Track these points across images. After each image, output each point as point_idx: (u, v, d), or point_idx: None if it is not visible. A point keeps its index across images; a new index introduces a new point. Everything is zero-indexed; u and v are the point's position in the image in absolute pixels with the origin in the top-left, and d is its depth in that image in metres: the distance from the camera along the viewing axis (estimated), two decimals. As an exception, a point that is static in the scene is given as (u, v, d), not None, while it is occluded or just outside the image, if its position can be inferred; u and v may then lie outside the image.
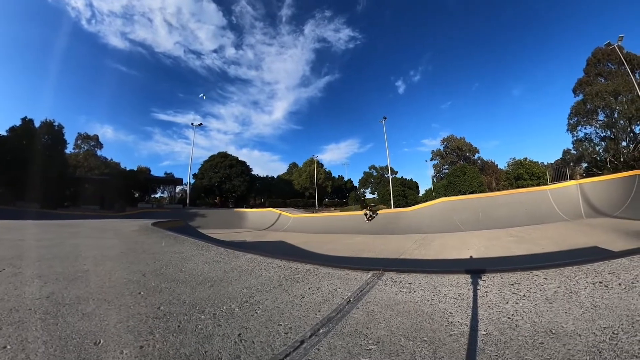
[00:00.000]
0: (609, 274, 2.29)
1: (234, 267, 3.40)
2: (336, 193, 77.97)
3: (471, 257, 6.03)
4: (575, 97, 37.83)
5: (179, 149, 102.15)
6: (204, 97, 67.76)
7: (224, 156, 49.77)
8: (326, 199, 71.62)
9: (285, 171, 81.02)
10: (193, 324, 1.84)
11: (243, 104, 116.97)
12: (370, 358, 1.44)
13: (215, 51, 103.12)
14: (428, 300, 2.15)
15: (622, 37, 27.43)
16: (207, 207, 39.88)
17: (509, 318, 1.77)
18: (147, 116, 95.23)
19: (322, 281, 2.77)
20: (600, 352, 1.34)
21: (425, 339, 1.60)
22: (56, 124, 31.79)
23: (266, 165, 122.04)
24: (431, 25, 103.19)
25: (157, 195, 59.17)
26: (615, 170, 24.04)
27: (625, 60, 28.48)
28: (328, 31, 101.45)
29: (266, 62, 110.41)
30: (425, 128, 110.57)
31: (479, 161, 56.59)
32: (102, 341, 1.60)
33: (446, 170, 55.27)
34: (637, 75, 31.27)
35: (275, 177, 73.40)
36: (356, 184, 76.60)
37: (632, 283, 2.06)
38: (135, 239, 5.35)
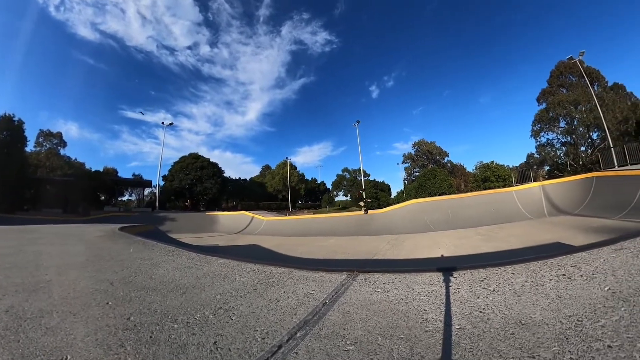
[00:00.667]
0: (571, 267, 2.42)
1: (207, 272, 3.29)
2: (309, 195, 78.09)
3: (442, 255, 6.22)
4: (539, 105, 40.98)
5: (148, 149, 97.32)
6: (143, 114, 64.97)
7: (195, 157, 48.28)
8: (299, 202, 71.55)
9: (258, 173, 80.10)
10: (166, 334, 1.77)
11: (216, 103, 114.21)
12: (348, 358, 1.43)
13: (189, 48, 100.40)
14: (402, 299, 2.18)
15: (584, 52, 29.95)
16: (178, 210, 38.49)
17: (480, 312, 1.83)
18: (115, 113, 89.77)
19: (297, 284, 2.74)
20: (567, 339, 1.42)
21: (402, 336, 1.62)
22: (16, 119, 29.14)
23: (239, 167, 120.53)
24: (406, 33, 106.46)
25: (125, 198, 56.29)
26: (575, 172, 26.10)
27: (585, 74, 31.31)
28: (305, 33, 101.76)
29: (241, 62, 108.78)
30: (397, 132, 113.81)
31: (449, 164, 58.77)
32: (69, 357, 1.50)
33: (417, 173, 56.96)
34: (595, 87, 34.71)
35: (248, 179, 72.26)
36: (329, 186, 76.99)
37: (593, 274, 2.19)
38: (101, 245, 5.08)
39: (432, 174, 44.17)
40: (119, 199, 49.79)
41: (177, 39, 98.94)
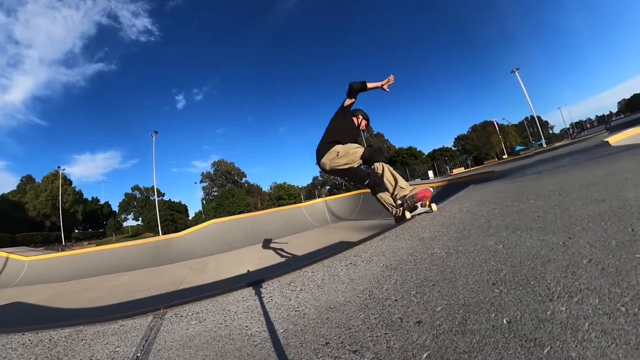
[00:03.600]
0: (354, 256, 3.07)
1: None
2: (90, 221, 60.64)
3: (248, 270, 6.47)
4: None
5: None
6: None
7: None
8: (76, 230, 54.75)
9: (15, 189, 54.55)
10: None
11: None
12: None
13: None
14: (221, 323, 2.12)
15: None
16: None
17: (296, 311, 2.03)
18: None
19: (93, 346, 2.14)
20: (367, 306, 1.85)
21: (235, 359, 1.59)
22: None
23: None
24: (229, 51, 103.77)
25: None
26: (348, 190, 34.53)
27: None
28: (125, 10, 79.58)
29: (26, 9, 72.12)
30: (197, 149, 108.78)
31: (246, 184, 61.97)
32: None
33: (215, 193, 56.84)
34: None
35: (-5, 196, 48.62)
36: (115, 208, 63.33)
37: (370, 258, 2.88)
38: None
39: (230, 193, 45.44)
40: None
41: None
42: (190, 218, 54.39)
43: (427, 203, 4.46)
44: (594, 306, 1.30)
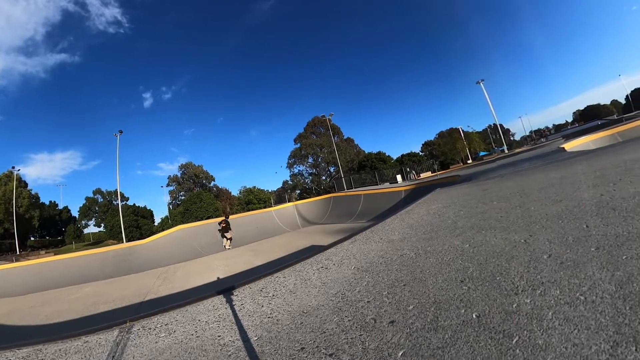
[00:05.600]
0: (325, 260, 3.08)
1: None
2: (47, 227, 54.61)
3: (218, 278, 6.29)
4: (295, 144, 53.74)
5: None
6: None
7: None
8: (32, 237, 50.15)
9: None
10: None
11: None
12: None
13: None
14: (193, 334, 2.04)
15: (332, 114, 45.24)
16: None
17: (269, 317, 2.00)
18: None
19: None
20: (340, 309, 1.84)
21: (206, 371, 1.53)
22: None
23: None
24: (201, 50, 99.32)
25: None
26: (318, 194, 35.04)
27: (331, 128, 46.58)
28: None
29: None
30: (164, 151, 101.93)
31: (215, 188, 60.19)
32: None
33: (183, 197, 54.74)
34: (335, 138, 49.46)
35: None
36: (76, 213, 58.51)
37: (341, 261, 2.89)
38: None
39: (198, 197, 43.87)
40: None
41: None
42: (156, 224, 51.44)
43: None
44: (556, 297, 1.39)
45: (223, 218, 13.59)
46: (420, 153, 55.53)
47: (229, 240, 12.66)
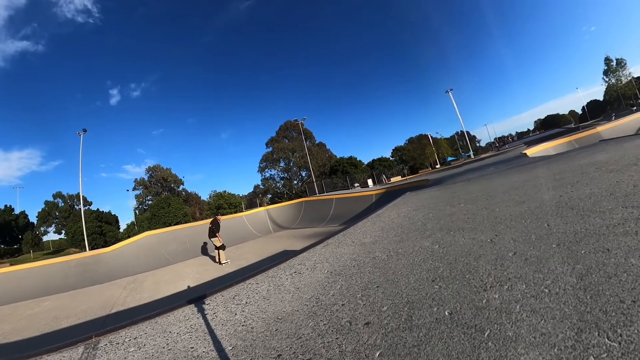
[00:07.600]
0: (298, 265, 3.06)
1: None
2: (2, 235, 48.96)
3: (189, 286, 6.11)
4: (267, 148, 52.99)
5: None
6: None
7: None
8: None
9: None
10: None
11: None
12: None
13: None
14: (164, 347, 1.95)
15: (305, 119, 46.19)
16: None
17: (243, 325, 1.96)
18: None
19: None
20: (315, 313, 1.84)
21: (177, 385, 1.47)
22: None
23: None
24: (173, 46, 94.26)
25: None
26: (290, 198, 34.68)
27: (303, 132, 47.03)
28: None
29: None
30: (130, 152, 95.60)
31: (184, 192, 58.15)
32: None
33: (150, 202, 52.26)
34: (307, 142, 50.10)
35: None
36: (34, 219, 53.94)
37: (314, 265, 2.88)
38: None
39: (166, 202, 42.03)
40: None
41: None
42: (121, 230, 48.68)
43: None
44: (522, 291, 1.48)
45: (212, 219, 10.68)
46: (391, 158, 56.76)
47: (219, 251, 9.12)
